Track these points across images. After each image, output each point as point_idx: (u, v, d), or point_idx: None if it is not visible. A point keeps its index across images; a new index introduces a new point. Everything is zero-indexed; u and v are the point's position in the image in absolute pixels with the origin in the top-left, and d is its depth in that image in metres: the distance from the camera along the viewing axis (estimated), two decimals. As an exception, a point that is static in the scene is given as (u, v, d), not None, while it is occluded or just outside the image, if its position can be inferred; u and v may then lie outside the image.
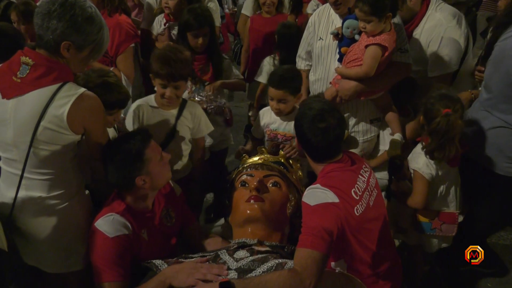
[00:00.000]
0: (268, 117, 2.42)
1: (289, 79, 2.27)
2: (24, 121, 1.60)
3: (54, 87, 1.59)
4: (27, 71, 1.59)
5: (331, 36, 2.31)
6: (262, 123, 2.45)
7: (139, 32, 3.13)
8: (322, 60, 2.40)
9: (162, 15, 3.16)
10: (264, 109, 2.51)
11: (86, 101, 1.63)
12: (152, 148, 1.77)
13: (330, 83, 2.34)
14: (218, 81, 2.64)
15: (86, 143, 1.78)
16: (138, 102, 2.24)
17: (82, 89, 1.63)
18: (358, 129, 2.44)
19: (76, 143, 1.73)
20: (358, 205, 1.67)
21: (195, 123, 2.27)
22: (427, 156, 2.05)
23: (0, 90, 1.63)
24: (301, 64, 2.65)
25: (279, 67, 2.67)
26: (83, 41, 1.62)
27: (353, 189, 1.69)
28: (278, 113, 2.32)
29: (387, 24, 2.11)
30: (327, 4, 2.38)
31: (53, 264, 1.83)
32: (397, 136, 2.32)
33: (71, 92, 1.60)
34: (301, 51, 2.63)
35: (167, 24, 3.11)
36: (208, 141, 2.65)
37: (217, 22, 3.31)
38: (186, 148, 2.28)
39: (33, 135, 1.60)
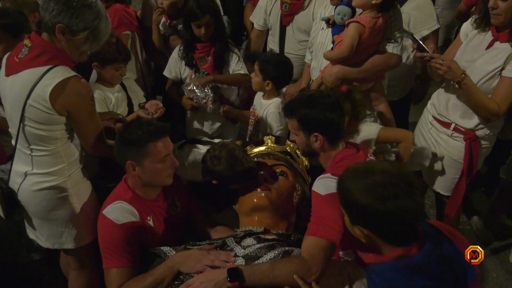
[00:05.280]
0: (257, 99, 2.51)
1: (266, 61, 2.33)
2: (15, 98, 1.70)
3: (45, 68, 1.66)
4: (26, 52, 1.69)
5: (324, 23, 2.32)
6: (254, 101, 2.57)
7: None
8: (321, 49, 2.41)
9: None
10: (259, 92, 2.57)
11: (73, 85, 1.67)
12: (158, 145, 1.73)
13: (320, 71, 2.33)
14: (209, 76, 2.61)
15: (75, 132, 1.83)
16: None
17: (73, 73, 1.68)
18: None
19: (66, 126, 1.78)
20: None
21: None
22: None
23: (5, 69, 1.76)
24: (307, 57, 2.70)
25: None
26: (76, 26, 1.65)
27: None
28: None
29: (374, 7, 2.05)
30: None
31: (46, 239, 1.96)
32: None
33: (59, 74, 1.66)
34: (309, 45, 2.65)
35: (172, 24, 3.09)
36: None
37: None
38: None
39: (22, 111, 1.68)
